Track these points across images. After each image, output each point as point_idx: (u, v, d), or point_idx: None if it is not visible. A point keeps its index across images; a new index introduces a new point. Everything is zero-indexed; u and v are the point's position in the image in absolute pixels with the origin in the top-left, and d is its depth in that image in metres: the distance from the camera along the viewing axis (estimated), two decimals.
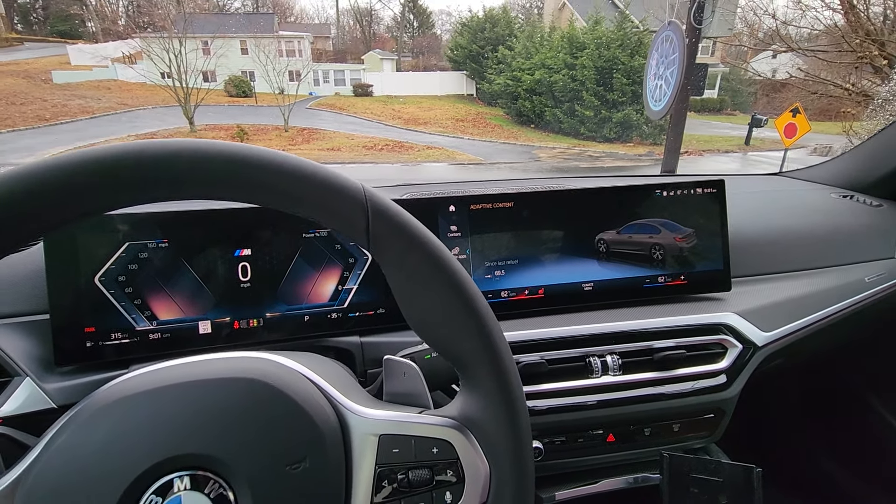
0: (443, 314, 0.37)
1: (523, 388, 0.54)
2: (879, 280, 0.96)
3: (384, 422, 0.40)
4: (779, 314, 0.85)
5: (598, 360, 0.75)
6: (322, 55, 24.48)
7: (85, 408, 0.37)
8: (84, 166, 0.31)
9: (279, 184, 0.34)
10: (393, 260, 0.37)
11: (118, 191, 0.32)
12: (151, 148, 0.32)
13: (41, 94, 14.75)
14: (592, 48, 13.94)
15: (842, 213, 1.10)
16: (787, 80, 8.62)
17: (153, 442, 0.35)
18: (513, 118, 16.67)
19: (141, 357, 0.65)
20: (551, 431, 0.74)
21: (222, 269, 0.68)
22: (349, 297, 0.73)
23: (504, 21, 19.96)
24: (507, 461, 0.38)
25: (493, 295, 0.79)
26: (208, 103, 13.49)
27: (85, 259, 0.63)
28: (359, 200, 0.35)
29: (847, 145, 3.63)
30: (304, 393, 0.39)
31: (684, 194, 0.85)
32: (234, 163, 0.33)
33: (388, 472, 0.38)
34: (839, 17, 6.31)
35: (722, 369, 0.78)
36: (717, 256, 0.86)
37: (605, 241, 0.82)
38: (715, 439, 0.84)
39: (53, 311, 0.62)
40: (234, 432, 0.36)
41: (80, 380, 0.61)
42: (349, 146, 12.35)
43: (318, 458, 0.37)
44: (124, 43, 17.64)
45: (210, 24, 17.02)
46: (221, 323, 0.68)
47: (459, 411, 0.40)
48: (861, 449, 1.19)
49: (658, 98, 2.63)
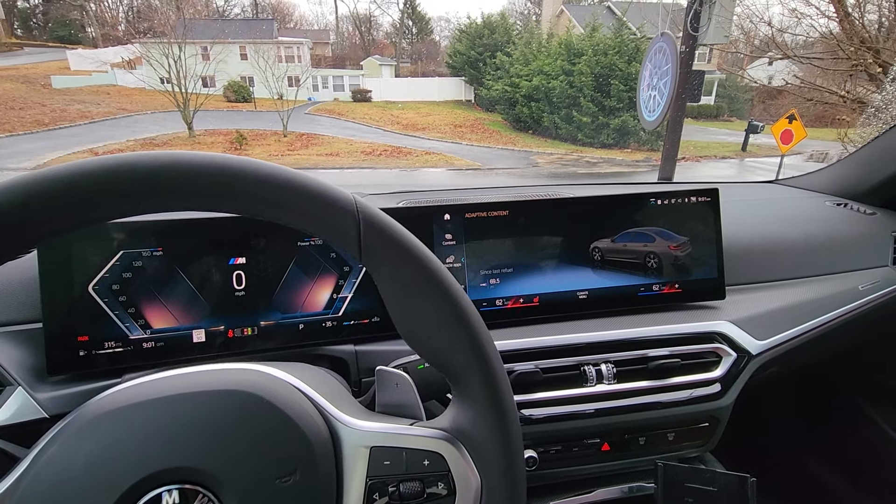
0: (434, 325, 0.37)
1: (518, 397, 0.53)
2: (874, 288, 0.96)
3: (375, 434, 0.40)
4: (773, 322, 0.85)
5: (592, 368, 0.75)
6: (321, 61, 24.56)
7: (74, 420, 0.37)
8: (75, 178, 0.31)
9: (270, 195, 0.34)
10: (384, 271, 0.37)
11: (110, 203, 0.32)
12: (145, 160, 0.32)
13: (40, 99, 14.76)
14: (590, 55, 14.00)
15: (836, 221, 1.10)
16: (783, 86, 8.66)
17: (142, 455, 0.35)
18: (511, 124, 16.72)
19: (134, 366, 0.65)
20: (546, 440, 0.74)
21: (217, 278, 0.68)
22: (344, 305, 0.73)
23: (502, 27, 20.06)
24: (499, 474, 0.38)
25: (487, 303, 0.79)
26: (207, 108, 13.52)
27: (79, 267, 0.62)
28: (350, 212, 0.35)
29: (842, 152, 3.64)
30: (295, 405, 0.39)
31: (679, 203, 0.85)
32: (225, 175, 0.33)
33: (379, 484, 0.38)
34: (834, 24, 6.36)
35: (716, 378, 0.79)
36: (711, 265, 0.86)
37: (600, 250, 0.83)
38: (710, 448, 0.84)
39: (46, 319, 0.61)
40: (224, 445, 0.36)
41: (73, 389, 0.60)
42: (348, 151, 12.37)
43: (308, 470, 0.36)
44: (124, 48, 17.66)
45: (210, 29, 17.09)
46: (216, 331, 0.68)
47: (451, 423, 0.40)
48: (855, 457, 1.19)
49: (652, 109, 2.64)
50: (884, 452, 1.13)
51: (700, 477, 0.75)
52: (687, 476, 0.76)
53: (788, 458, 1.29)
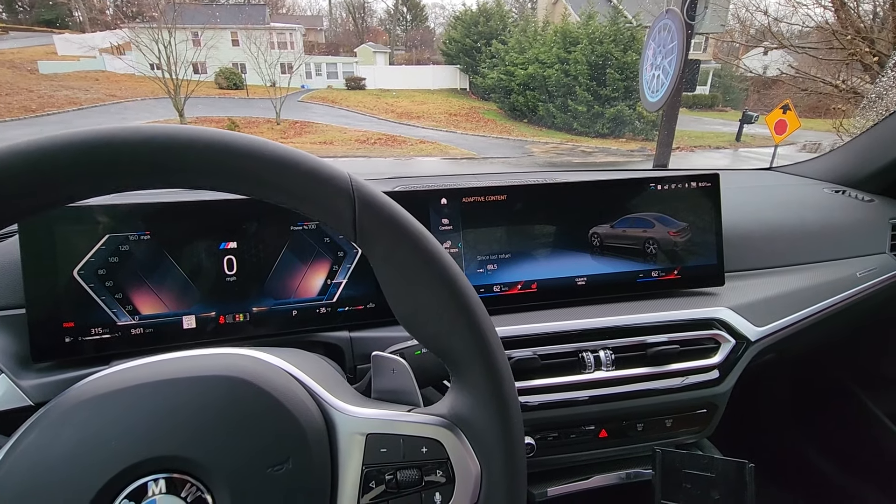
0: (433, 310, 0.36)
1: (516, 383, 0.52)
2: (871, 275, 0.96)
3: (372, 420, 0.38)
4: (771, 309, 0.85)
5: (591, 355, 0.74)
6: (314, 48, 24.26)
7: (55, 406, 0.35)
8: (50, 152, 0.28)
9: (261, 172, 0.32)
10: (381, 253, 0.35)
11: (85, 179, 0.30)
12: (122, 133, 0.30)
13: (27, 85, 14.48)
14: (585, 43, 13.91)
15: (834, 207, 1.10)
16: (777, 76, 8.68)
17: (127, 443, 0.33)
18: (506, 113, 16.63)
19: (122, 353, 0.63)
20: (544, 427, 0.74)
21: (207, 263, 0.66)
22: (338, 290, 0.71)
23: (498, 15, 19.85)
24: (499, 461, 0.37)
25: (485, 289, 0.78)
26: (199, 95, 13.31)
27: (63, 252, 0.60)
28: (345, 190, 0.34)
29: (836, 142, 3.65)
30: (287, 391, 0.38)
31: (678, 188, 0.84)
32: (213, 149, 0.31)
33: (375, 472, 0.37)
34: (830, 14, 6.35)
35: (715, 364, 0.78)
36: (710, 251, 0.85)
37: (599, 236, 0.81)
38: (707, 434, 0.83)
39: (30, 305, 0.59)
40: (212, 433, 0.35)
41: (59, 376, 0.59)
42: (342, 140, 12.27)
43: (301, 458, 0.35)
44: (112, 33, 17.35)
45: (200, 14, 16.80)
46: (206, 318, 0.66)
47: (450, 409, 0.38)
48: (852, 443, 1.20)
49: (655, 89, 2.60)
50: (879, 437, 1.14)
51: (698, 463, 0.75)
52: (685, 462, 0.75)
53: (785, 444, 1.30)
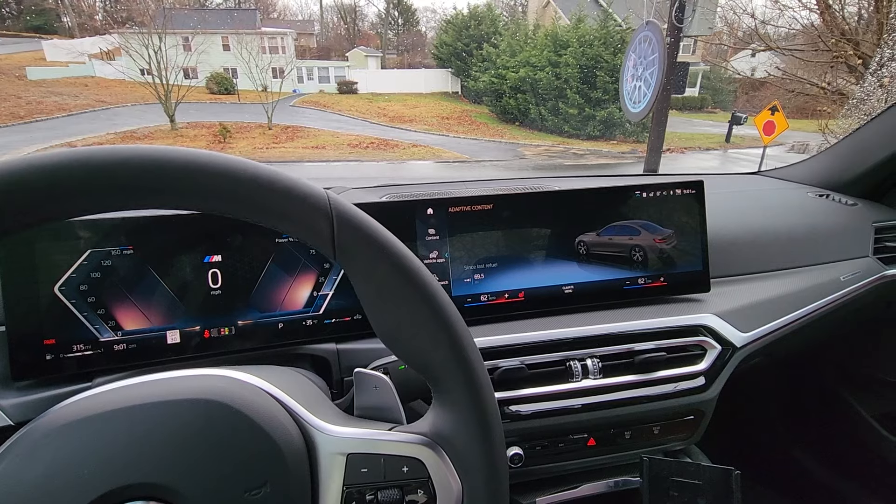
0: (412, 326, 0.36)
1: (503, 393, 0.52)
2: (855, 278, 0.97)
3: (352, 440, 0.38)
4: (757, 314, 0.86)
5: (578, 363, 0.74)
6: (306, 52, 24.23)
7: (27, 434, 0.35)
8: (26, 174, 0.28)
9: (238, 191, 0.32)
10: (360, 270, 0.35)
11: (63, 200, 0.30)
12: (99, 154, 0.30)
13: (15, 91, 14.33)
14: (576, 46, 14.00)
15: (818, 212, 1.11)
16: (765, 78, 8.77)
17: (100, 470, 0.33)
18: (498, 116, 16.69)
19: (106, 369, 0.63)
20: (532, 436, 0.74)
21: (191, 276, 0.65)
22: (325, 303, 0.71)
23: (489, 19, 19.97)
24: (481, 478, 0.37)
25: (472, 298, 0.78)
26: (190, 100, 13.25)
27: (44, 267, 0.59)
28: (322, 208, 0.34)
29: (823, 143, 3.70)
30: (265, 411, 0.37)
31: (664, 195, 0.84)
32: (188, 170, 0.31)
33: (356, 493, 0.36)
34: (815, 16, 6.44)
35: (701, 371, 0.78)
36: (696, 257, 0.86)
37: (586, 244, 0.82)
38: (695, 441, 0.84)
39: (10, 321, 0.59)
40: (187, 457, 0.34)
41: (40, 395, 0.58)
42: (334, 144, 12.23)
43: (280, 481, 0.35)
44: (102, 38, 17.22)
45: (191, 19, 16.74)
46: (191, 332, 0.66)
47: (431, 427, 0.38)
48: (837, 444, 1.21)
49: (637, 100, 2.62)
50: (865, 439, 1.15)
51: (685, 471, 0.75)
52: (672, 470, 0.76)
53: (773, 448, 1.31)
